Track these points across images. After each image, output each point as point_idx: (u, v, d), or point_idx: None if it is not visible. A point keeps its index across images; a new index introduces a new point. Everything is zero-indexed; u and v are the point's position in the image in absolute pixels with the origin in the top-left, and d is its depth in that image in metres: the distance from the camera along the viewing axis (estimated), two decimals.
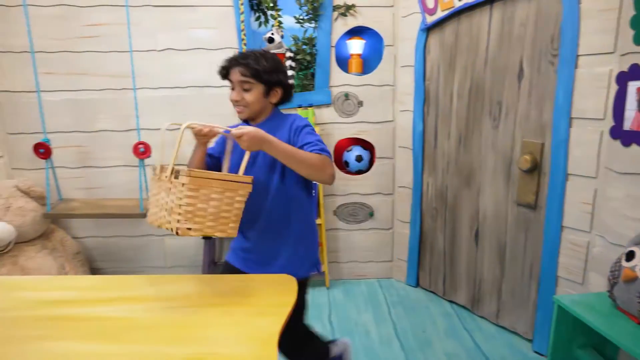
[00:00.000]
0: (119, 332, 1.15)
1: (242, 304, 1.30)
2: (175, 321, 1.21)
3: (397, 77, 2.88)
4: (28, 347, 1.10)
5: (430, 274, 2.90)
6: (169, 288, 1.38)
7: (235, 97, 1.56)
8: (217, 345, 1.10)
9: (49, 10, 2.66)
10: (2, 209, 2.55)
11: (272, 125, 1.58)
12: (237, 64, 1.54)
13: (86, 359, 1.05)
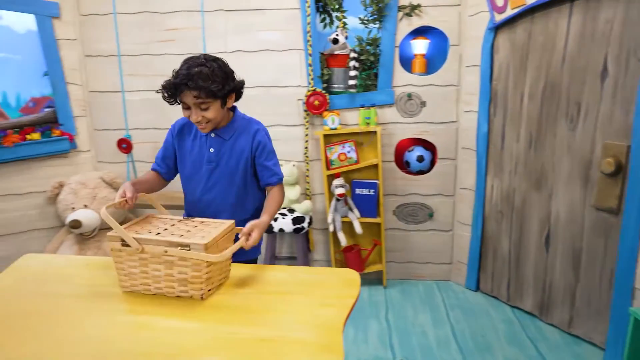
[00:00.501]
0: (197, 311, 1.26)
1: (307, 294, 1.36)
2: (246, 306, 1.30)
3: (461, 77, 2.83)
4: (117, 318, 1.23)
5: (493, 278, 2.83)
6: (239, 275, 1.48)
7: (196, 119, 1.50)
8: (285, 330, 1.16)
9: (133, 17, 2.90)
10: (89, 198, 2.82)
11: (234, 129, 1.61)
12: (187, 87, 1.44)
13: (167, 332, 1.16)
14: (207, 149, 1.62)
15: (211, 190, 1.65)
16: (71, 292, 1.36)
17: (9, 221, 2.85)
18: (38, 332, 1.16)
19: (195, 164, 1.64)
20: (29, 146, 2.83)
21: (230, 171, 1.63)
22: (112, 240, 1.32)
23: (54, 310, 1.26)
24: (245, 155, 1.63)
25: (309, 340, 1.12)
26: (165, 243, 1.28)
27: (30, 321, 1.21)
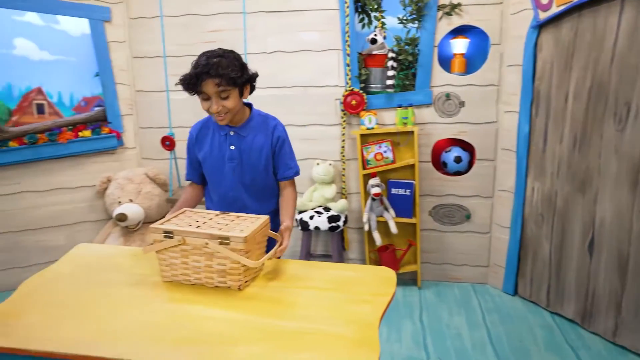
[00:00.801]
0: (235, 302, 1.31)
1: (342, 290, 1.38)
2: (282, 298, 1.34)
3: (502, 76, 2.77)
4: (161, 306, 1.30)
5: (532, 283, 2.75)
6: (276, 269, 1.52)
7: (216, 109, 1.53)
8: (321, 324, 1.19)
9: (178, 20, 3.01)
10: (134, 192, 2.96)
11: (252, 126, 1.67)
12: (209, 75, 1.48)
13: (207, 320, 1.21)
14: (227, 147, 1.66)
15: (235, 186, 1.70)
16: (120, 280, 1.44)
17: (61, 213, 3.03)
18: (92, 316, 1.25)
19: (218, 163, 1.68)
20: (81, 143, 3.00)
21: (252, 167, 1.68)
22: (155, 233, 1.39)
23: (105, 297, 1.35)
24: (266, 151, 1.67)
25: (345, 334, 1.15)
26: (205, 236, 1.34)
27: (86, 306, 1.30)
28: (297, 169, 1.76)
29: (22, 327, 1.19)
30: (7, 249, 2.93)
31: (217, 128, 1.68)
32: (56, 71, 3.07)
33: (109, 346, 1.10)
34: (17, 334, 1.16)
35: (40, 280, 1.46)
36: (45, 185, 2.98)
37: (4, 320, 1.23)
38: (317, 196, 2.96)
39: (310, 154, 3.03)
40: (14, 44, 2.98)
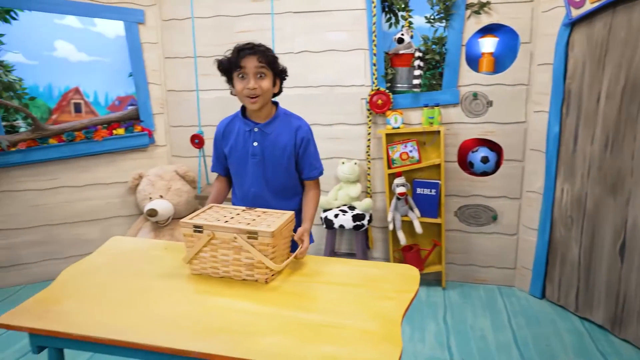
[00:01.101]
0: (262, 295, 1.35)
1: (366, 287, 1.40)
2: (308, 293, 1.37)
3: (532, 75, 2.73)
4: (190, 297, 1.35)
5: (560, 286, 2.70)
6: (302, 264, 1.55)
7: (254, 85, 1.58)
8: (344, 318, 1.22)
9: (208, 21, 3.09)
10: (164, 189, 3.05)
11: (276, 124, 1.70)
12: (252, 52, 1.57)
13: (235, 312, 1.25)
14: (251, 143, 1.69)
15: (258, 183, 1.72)
16: (152, 271, 1.50)
17: (95, 208, 3.16)
18: (126, 304, 1.31)
19: (242, 158, 1.72)
20: (115, 140, 3.12)
21: (274, 164, 1.70)
22: (185, 227, 1.44)
23: (138, 286, 1.41)
24: (289, 150, 1.70)
25: (368, 329, 1.17)
26: (234, 230, 1.38)
27: (120, 294, 1.36)
28: (321, 169, 1.79)
29: (61, 313, 1.26)
30: (45, 241, 3.07)
31: (242, 124, 1.72)
32: (92, 72, 3.21)
33: (140, 333, 1.16)
34: (56, 318, 1.23)
35: (78, 269, 1.54)
36: (82, 181, 3.11)
37: (45, 306, 1.30)
38: (342, 195, 2.98)
39: (336, 153, 3.06)
40: (55, 46, 3.13)
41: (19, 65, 2.99)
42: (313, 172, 1.76)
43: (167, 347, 1.11)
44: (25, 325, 1.21)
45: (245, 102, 1.66)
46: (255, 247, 1.38)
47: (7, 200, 2.95)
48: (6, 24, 2.92)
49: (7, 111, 2.97)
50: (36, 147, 2.93)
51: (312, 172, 1.76)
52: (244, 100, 1.66)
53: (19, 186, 2.96)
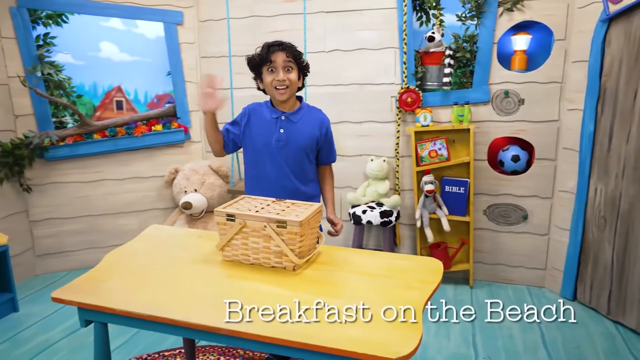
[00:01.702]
0: (289, 281, 1.41)
1: (392, 277, 1.45)
2: (334, 281, 1.43)
3: (566, 73, 2.68)
4: (222, 280, 1.44)
5: (592, 288, 2.64)
6: (330, 255, 1.61)
7: (283, 77, 1.74)
8: (369, 304, 1.26)
9: (243, 21, 3.19)
10: (199, 183, 3.18)
11: (301, 114, 1.84)
12: (280, 48, 1.74)
13: (263, 295, 1.33)
14: (277, 130, 1.81)
15: (280, 167, 1.83)
16: (187, 257, 1.60)
17: (134, 200, 3.33)
18: (163, 284, 1.41)
19: (266, 144, 1.82)
20: (153, 136, 3.27)
21: (297, 150, 1.82)
22: (219, 216, 1.52)
23: (174, 270, 1.51)
24: (312, 138, 1.84)
25: (391, 315, 1.21)
26: (264, 219, 1.46)
27: (158, 276, 1.46)
28: (336, 154, 2.02)
29: (106, 290, 1.37)
30: (88, 231, 3.26)
31: (269, 112, 1.84)
32: (133, 71, 3.38)
33: (176, 311, 1.25)
34: (102, 295, 1.34)
35: (121, 254, 1.65)
36: (122, 174, 3.28)
37: (92, 284, 1.42)
38: (371, 191, 3.02)
39: (365, 150, 3.10)
40: (100, 47, 3.31)
41: (67, 65, 3.19)
42: (331, 157, 1.97)
43: (199, 324, 1.19)
44: (75, 300, 1.32)
45: (274, 93, 1.78)
46: (284, 235, 1.45)
47: (55, 191, 3.15)
48: (58, 27, 3.12)
49: (57, 108, 3.17)
50: (82, 141, 3.11)
51: (330, 157, 1.96)
52: (273, 92, 1.79)
53: (65, 178, 3.16)
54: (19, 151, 2.90)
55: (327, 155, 1.95)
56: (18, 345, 2.35)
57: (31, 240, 3.15)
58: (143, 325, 1.29)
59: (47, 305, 2.76)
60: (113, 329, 2.45)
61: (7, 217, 2.96)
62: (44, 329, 2.51)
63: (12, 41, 2.92)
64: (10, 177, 2.95)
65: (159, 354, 2.24)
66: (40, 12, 3.03)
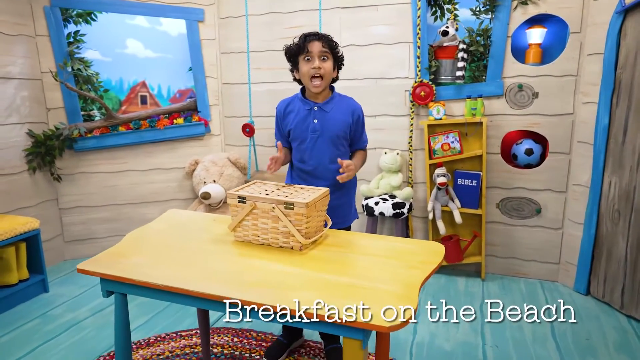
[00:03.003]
0: (296, 259, 1.49)
1: (395, 258, 1.51)
2: (340, 260, 1.50)
3: (581, 66, 2.67)
4: (234, 258, 1.53)
5: (605, 283, 2.63)
6: (338, 238, 1.68)
7: (319, 65, 1.80)
8: (370, 281, 1.34)
9: (261, 18, 3.29)
10: (217, 174, 3.30)
11: (334, 104, 1.90)
12: (317, 38, 1.81)
13: (271, 272, 1.41)
14: (311, 120, 1.88)
15: (316, 154, 1.90)
16: (202, 237, 1.70)
17: (156, 190, 3.47)
18: (181, 261, 1.51)
19: (302, 135, 1.91)
20: (175, 129, 3.41)
21: (331, 138, 1.89)
22: (231, 198, 1.62)
23: (190, 248, 1.61)
24: (345, 126, 1.90)
25: (389, 290, 1.28)
26: (273, 201, 1.54)
27: (176, 253, 1.57)
28: (367, 140, 2.07)
29: (126, 264, 1.48)
30: (114, 219, 3.43)
31: (301, 105, 1.91)
32: (157, 67, 3.52)
33: (190, 283, 1.34)
34: (122, 268, 1.45)
35: (141, 233, 1.77)
36: (146, 165, 3.43)
37: (114, 259, 1.53)
38: (384, 184, 3.07)
39: (379, 144, 3.16)
40: (126, 44, 3.47)
41: (96, 61, 3.35)
42: (364, 143, 2.03)
43: (211, 293, 1.29)
44: (98, 271, 1.44)
45: (309, 83, 1.85)
46: (291, 216, 1.53)
47: (84, 180, 3.32)
48: (87, 24, 3.29)
49: (86, 101, 3.34)
50: (108, 133, 3.27)
51: (363, 143, 2.02)
52: (308, 82, 1.85)
53: (93, 168, 3.33)
54: (50, 142, 3.08)
55: (359, 141, 2.00)
56: (48, 322, 2.51)
57: (61, 226, 3.34)
58: (159, 295, 1.39)
59: (74, 287, 2.92)
60: (134, 311, 2.60)
61: (39, 205, 3.15)
62: (72, 308, 2.67)
63: (45, 39, 3.10)
64: (42, 167, 3.14)
65: (177, 333, 2.36)
66: (72, 11, 3.20)
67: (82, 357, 2.17)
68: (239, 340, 2.29)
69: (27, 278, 2.78)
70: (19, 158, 3.01)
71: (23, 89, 3.01)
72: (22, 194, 3.03)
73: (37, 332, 2.41)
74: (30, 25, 3.05)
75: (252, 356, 2.16)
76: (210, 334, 2.32)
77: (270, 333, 2.35)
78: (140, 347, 2.23)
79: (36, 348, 2.26)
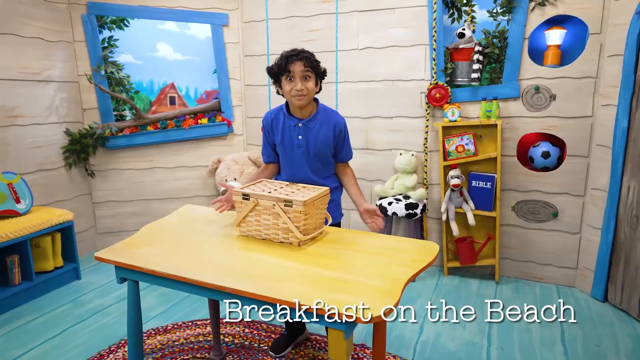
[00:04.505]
0: (294, 254, 1.58)
1: (388, 256, 1.57)
2: (335, 257, 1.58)
3: (601, 67, 2.62)
4: (236, 252, 1.63)
5: (623, 289, 2.57)
6: (337, 235, 1.76)
7: (301, 87, 1.81)
8: (360, 277, 1.40)
9: (282, 22, 3.40)
10: (238, 172, 3.43)
11: (317, 119, 1.91)
12: (298, 58, 1.80)
13: (269, 265, 1.50)
14: (296, 137, 1.92)
15: (303, 168, 1.95)
16: (211, 231, 1.82)
17: (181, 187, 3.65)
18: (189, 252, 1.63)
19: (288, 149, 1.95)
20: (199, 129, 3.57)
21: (317, 153, 1.93)
22: (236, 195, 1.72)
23: (199, 241, 1.73)
24: (329, 140, 1.92)
25: (375, 285, 1.35)
26: (274, 199, 1.64)
27: (185, 245, 1.69)
28: (352, 152, 2.08)
29: (141, 254, 1.61)
30: (142, 213, 3.63)
31: (286, 120, 1.95)
32: (185, 69, 3.70)
33: (197, 273, 1.45)
34: (135, 257, 1.58)
35: (155, 226, 1.91)
36: (172, 163, 3.61)
37: (128, 248, 1.67)
38: (398, 184, 3.11)
39: (395, 145, 3.20)
40: (156, 47, 3.67)
41: (128, 65, 3.57)
42: (348, 155, 2.04)
43: (206, 282, 1.39)
44: (112, 259, 1.58)
45: (293, 100, 1.89)
46: (290, 213, 1.61)
47: (115, 177, 3.54)
48: (120, 30, 3.50)
49: (118, 102, 3.56)
50: (137, 132, 3.47)
51: (347, 155, 2.04)
52: (292, 100, 1.89)
53: (124, 165, 3.54)
54: (84, 140, 3.31)
55: (343, 154, 2.02)
56: (78, 307, 2.72)
57: (93, 219, 3.57)
58: (165, 283, 1.52)
59: (104, 276, 3.13)
60: (155, 300, 2.77)
61: (74, 198, 3.39)
62: (100, 295, 2.87)
63: (82, 44, 3.34)
64: (78, 163, 3.37)
65: (193, 322, 2.50)
66: (106, 18, 3.42)
67: (105, 340, 2.35)
68: (249, 331, 2.40)
69: (62, 266, 3.01)
70: (57, 155, 3.26)
71: (62, 91, 3.26)
72: (59, 188, 3.28)
73: (67, 316, 2.61)
74: (69, 32, 3.29)
75: (260, 346, 2.27)
76: (223, 324, 2.45)
77: (280, 326, 2.45)
78: (158, 334, 2.39)
79: (65, 330, 2.46)
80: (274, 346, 2.20)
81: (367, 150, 3.27)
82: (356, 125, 3.25)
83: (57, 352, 2.25)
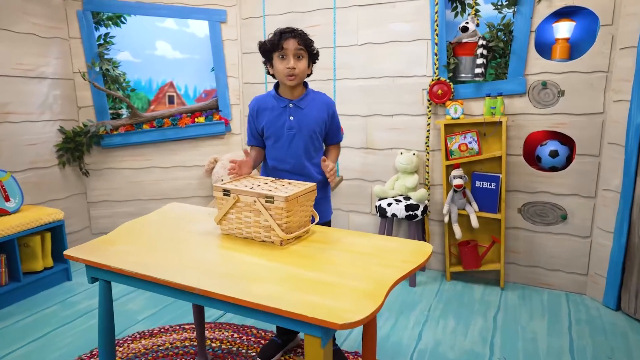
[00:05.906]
0: (276, 254, 1.47)
1: (375, 256, 1.45)
2: (319, 257, 1.46)
3: (613, 61, 2.47)
4: (217, 250, 1.53)
5: (637, 297, 2.40)
6: (325, 234, 1.64)
7: (293, 64, 1.76)
8: (342, 278, 1.29)
9: (281, 17, 3.31)
10: None
11: (308, 100, 1.88)
12: (292, 35, 1.76)
13: (249, 264, 1.40)
14: (287, 118, 1.85)
15: (292, 152, 1.87)
16: (192, 230, 1.72)
17: (178, 187, 3.57)
18: (167, 251, 1.53)
19: (278, 132, 1.87)
20: (196, 127, 3.49)
21: (309, 135, 1.86)
22: (216, 191, 1.62)
23: (178, 239, 1.63)
24: (320, 122, 1.88)
25: (357, 287, 1.23)
26: (255, 195, 1.53)
27: (164, 244, 1.59)
28: (343, 134, 2.10)
29: (112, 252, 1.52)
30: (138, 213, 3.55)
31: (275, 102, 1.87)
32: (184, 67, 3.63)
33: (165, 272, 1.35)
34: (107, 256, 1.49)
35: (135, 224, 1.81)
36: (169, 163, 3.54)
37: (103, 246, 1.57)
38: (399, 185, 2.99)
39: (396, 144, 3.08)
40: (155, 45, 3.60)
41: (126, 63, 3.51)
42: (338, 137, 2.02)
43: (179, 283, 1.29)
44: (82, 258, 1.48)
45: (284, 80, 1.81)
46: (271, 210, 1.51)
47: (111, 176, 3.48)
48: (117, 27, 3.45)
49: (114, 100, 3.50)
50: (133, 131, 3.41)
51: (337, 137, 2.01)
52: (283, 79, 1.82)
53: (119, 164, 3.47)
54: (78, 138, 3.25)
55: (334, 135, 1.99)
56: (66, 308, 2.64)
57: (88, 219, 3.51)
58: (137, 284, 1.41)
59: None
60: (143, 303, 2.67)
61: (68, 198, 3.33)
62: (90, 296, 2.79)
63: (77, 41, 3.29)
64: (72, 162, 3.31)
65: (180, 326, 2.40)
66: (102, 14, 3.37)
67: (89, 343, 2.26)
68: (238, 336, 2.29)
69: (52, 266, 2.94)
70: (50, 153, 3.20)
71: (56, 88, 3.20)
72: (52, 187, 3.22)
73: (55, 317, 2.54)
74: (64, 29, 3.24)
75: (248, 353, 2.16)
76: (212, 328, 2.34)
77: (271, 331, 2.34)
78: (143, 337, 2.29)
79: (51, 331, 2.38)
80: (262, 352, 2.08)
81: (367, 149, 3.15)
82: (355, 123, 3.13)
83: (38, 355, 2.17)
